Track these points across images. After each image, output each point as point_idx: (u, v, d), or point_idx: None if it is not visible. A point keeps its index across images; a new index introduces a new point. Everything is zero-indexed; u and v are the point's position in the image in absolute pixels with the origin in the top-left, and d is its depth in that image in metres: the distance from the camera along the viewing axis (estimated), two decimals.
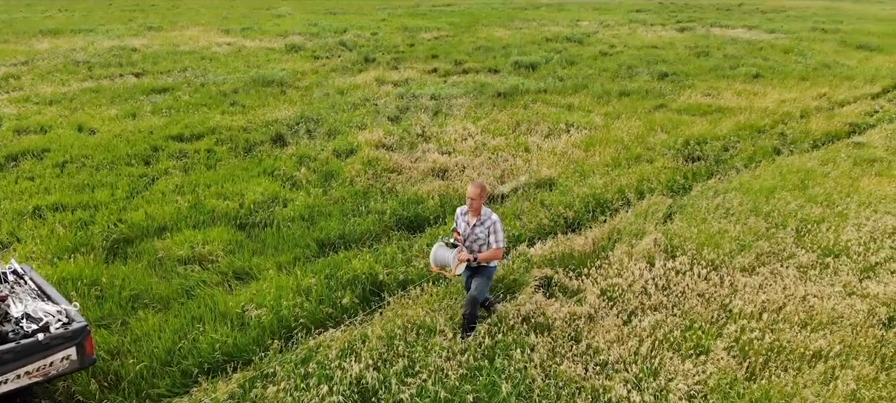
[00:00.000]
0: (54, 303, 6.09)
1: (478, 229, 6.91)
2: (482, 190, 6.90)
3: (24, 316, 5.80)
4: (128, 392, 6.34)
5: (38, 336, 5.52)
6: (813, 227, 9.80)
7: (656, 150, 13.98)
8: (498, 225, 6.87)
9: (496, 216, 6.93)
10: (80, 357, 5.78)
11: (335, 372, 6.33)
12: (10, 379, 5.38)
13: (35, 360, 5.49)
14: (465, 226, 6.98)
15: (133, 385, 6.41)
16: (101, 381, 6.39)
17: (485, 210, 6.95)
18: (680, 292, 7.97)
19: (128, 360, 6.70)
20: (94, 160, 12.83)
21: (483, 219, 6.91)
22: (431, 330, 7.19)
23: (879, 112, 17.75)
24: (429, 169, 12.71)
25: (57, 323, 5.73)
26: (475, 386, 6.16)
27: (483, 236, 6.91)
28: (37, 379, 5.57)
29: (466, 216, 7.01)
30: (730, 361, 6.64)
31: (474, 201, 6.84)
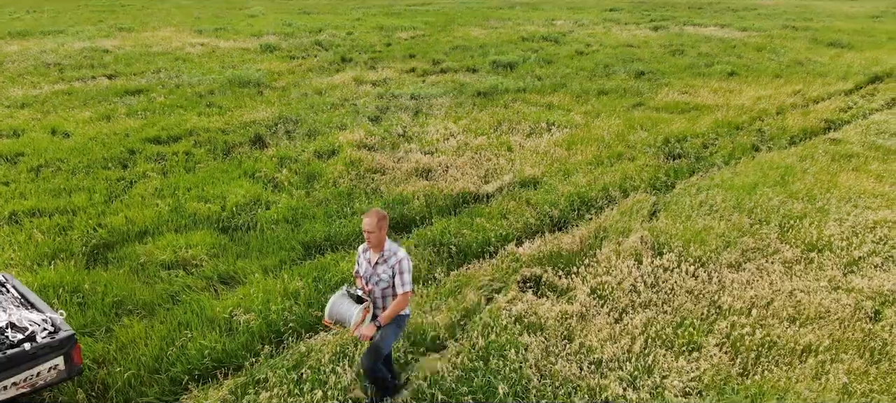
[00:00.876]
0: (39, 312, 5.93)
1: (380, 268, 5.76)
2: (380, 220, 5.66)
3: (9, 326, 5.64)
4: (116, 401, 6.21)
5: (24, 346, 5.37)
6: (795, 223, 9.93)
7: (637, 148, 14.06)
8: (404, 264, 5.73)
9: (403, 252, 5.82)
10: (68, 367, 5.64)
11: (329, 377, 6.25)
12: None
13: (22, 371, 5.35)
14: (366, 266, 5.87)
15: (121, 394, 6.28)
16: (88, 391, 6.26)
17: (389, 245, 5.80)
18: (669, 289, 8.01)
19: (114, 368, 6.56)
20: (69, 164, 12.58)
21: (386, 256, 5.75)
22: (424, 333, 7.13)
23: (853, 108, 18.03)
24: (412, 169, 12.66)
25: (43, 332, 5.58)
26: (471, 387, 6.12)
27: (386, 277, 5.74)
28: (23, 390, 5.42)
29: (368, 253, 5.89)
30: (722, 357, 6.69)
31: (372, 235, 5.65)
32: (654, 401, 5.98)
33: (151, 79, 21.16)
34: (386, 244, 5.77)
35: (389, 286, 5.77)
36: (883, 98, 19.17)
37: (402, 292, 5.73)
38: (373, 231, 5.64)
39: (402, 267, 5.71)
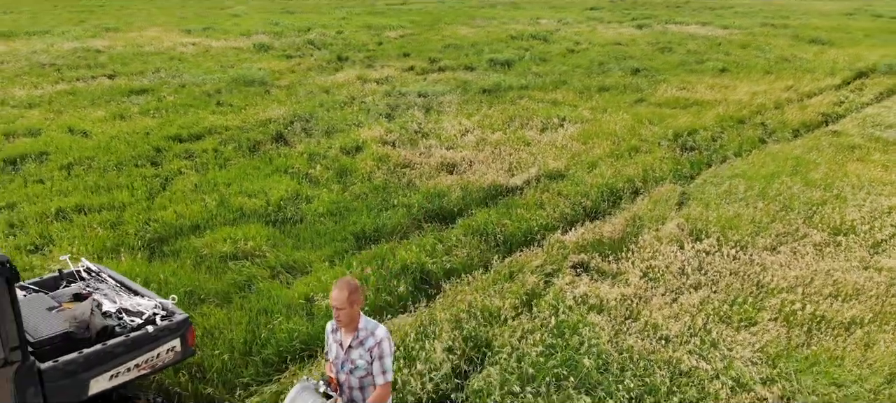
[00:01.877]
0: (147, 298, 6.21)
1: (355, 353, 4.61)
2: (352, 292, 4.48)
3: (122, 311, 5.92)
4: (216, 382, 6.50)
5: (147, 329, 5.66)
6: (818, 209, 10.54)
7: (650, 142, 14.61)
8: (385, 347, 4.59)
9: (383, 330, 4.65)
10: (183, 349, 5.92)
11: (419, 353, 6.61)
12: (121, 372, 5.50)
13: (144, 352, 5.61)
14: (337, 349, 4.73)
15: (219, 376, 6.58)
16: (189, 374, 6.54)
17: (364, 322, 4.64)
18: (715, 271, 8.53)
19: (207, 352, 6.84)
20: (99, 162, 12.72)
21: (362, 337, 4.60)
22: (494, 313, 7.54)
23: (845, 102, 18.84)
24: (438, 163, 13.03)
25: (158, 316, 5.86)
26: (556, 362, 6.53)
27: (363, 363, 4.60)
28: (144, 372, 5.69)
29: (338, 333, 4.73)
30: (779, 330, 7.20)
31: (342, 311, 4.49)
32: (727, 371, 6.44)
33: (152, 78, 21.19)
34: (360, 321, 4.60)
35: (368, 374, 4.61)
36: (871, 93, 20.03)
37: (383, 382, 4.60)
38: (343, 306, 4.45)
39: (382, 349, 4.55)
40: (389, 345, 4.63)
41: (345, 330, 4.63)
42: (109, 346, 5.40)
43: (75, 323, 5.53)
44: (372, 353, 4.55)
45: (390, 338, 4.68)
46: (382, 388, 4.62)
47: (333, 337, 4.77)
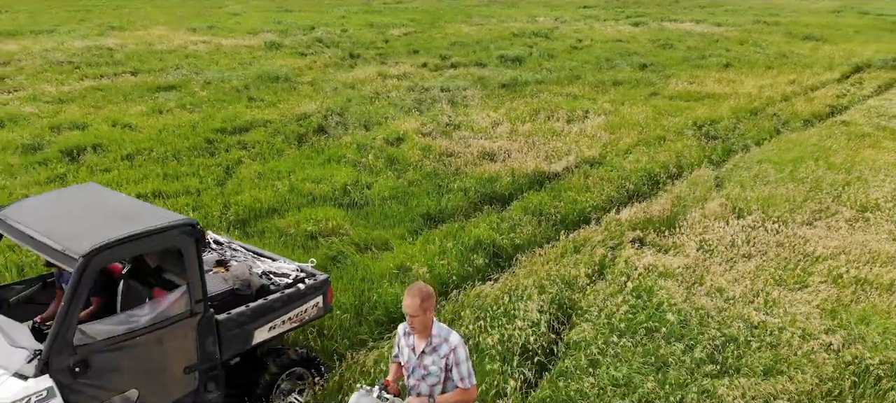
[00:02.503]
0: (277, 262, 6.98)
1: (428, 359, 4.55)
2: (425, 299, 4.41)
3: (267, 274, 6.69)
4: (339, 338, 7.29)
5: (299, 286, 6.44)
6: (844, 189, 11.53)
7: (673, 131, 15.57)
8: (460, 353, 4.50)
9: (456, 337, 4.55)
10: (324, 306, 6.70)
11: (518, 311, 7.44)
12: (277, 325, 6.27)
13: (295, 307, 6.38)
14: (409, 353, 4.67)
15: (340, 332, 7.36)
16: (314, 331, 7.31)
17: (438, 328, 4.57)
18: (762, 243, 9.46)
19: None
20: (157, 152, 13.39)
21: (435, 344, 4.53)
22: (571, 280, 8.39)
23: (848, 95, 19.97)
24: (479, 153, 13.87)
25: (304, 276, 6.64)
26: (643, 318, 7.39)
27: (436, 370, 4.52)
28: (295, 325, 6.46)
29: (410, 337, 4.67)
30: (830, 290, 8.13)
31: (416, 319, 4.44)
32: (793, 324, 7.34)
33: (176, 75, 21.77)
34: (434, 328, 4.54)
35: (439, 381, 4.53)
36: (871, 86, 21.20)
37: (463, 387, 4.51)
38: (416, 314, 4.41)
39: (458, 357, 4.48)
40: (464, 351, 4.51)
41: (418, 336, 4.55)
42: (269, 301, 6.18)
43: (239, 282, 6.31)
44: (448, 360, 4.47)
45: (464, 345, 4.56)
46: (464, 393, 4.51)
47: (406, 341, 4.68)
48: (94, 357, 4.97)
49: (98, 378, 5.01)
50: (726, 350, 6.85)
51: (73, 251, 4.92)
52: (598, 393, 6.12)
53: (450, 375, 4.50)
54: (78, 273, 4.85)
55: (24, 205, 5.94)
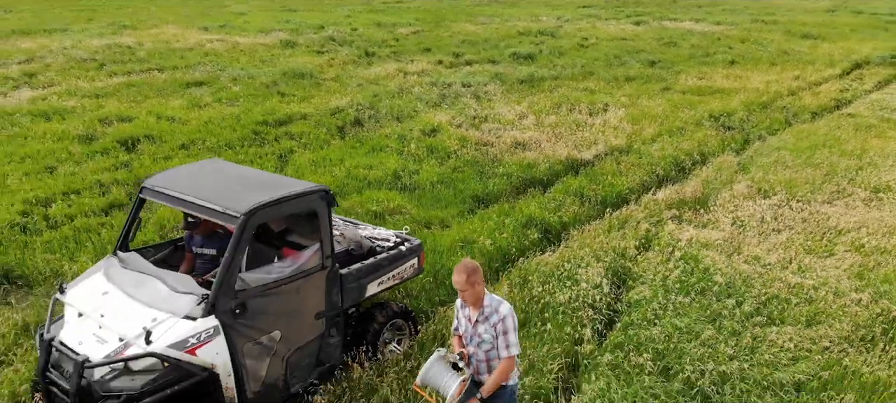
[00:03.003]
0: (376, 229, 7.93)
1: (481, 328, 5.00)
2: (471, 274, 4.86)
3: (371, 239, 7.65)
4: (422, 298, 8.25)
5: (400, 248, 7.40)
6: (857, 173, 12.62)
7: (691, 123, 16.63)
8: (508, 322, 4.91)
9: (507, 307, 4.98)
10: (418, 267, 7.67)
11: (580, 276, 8.43)
12: (383, 281, 7.22)
13: (397, 267, 7.34)
14: (466, 324, 5.14)
15: (423, 293, 8.33)
16: (403, 291, 8.27)
17: (489, 299, 5.00)
18: (789, 219, 10.51)
19: None
20: (209, 142, 14.29)
21: (487, 313, 4.97)
22: (621, 251, 9.40)
23: (850, 90, 21.13)
24: (511, 142, 14.85)
25: (400, 241, 7.60)
26: (695, 279, 8.40)
27: (489, 337, 4.97)
28: (396, 282, 7.41)
29: (466, 309, 5.13)
30: (855, 257, 9.17)
31: (465, 292, 4.91)
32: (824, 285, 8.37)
33: (201, 72, 22.60)
34: (485, 298, 4.97)
35: (493, 347, 4.96)
36: (871, 81, 22.39)
37: (507, 356, 4.92)
38: (465, 288, 4.87)
39: (506, 325, 4.87)
40: (512, 321, 4.88)
41: (472, 308, 4.99)
42: (378, 260, 7.14)
43: (353, 244, 7.28)
44: (496, 329, 4.87)
45: (514, 315, 4.93)
46: (507, 361, 4.89)
47: (462, 313, 5.13)
48: (250, 302, 5.90)
49: (252, 319, 5.94)
50: (770, 305, 7.87)
51: (234, 210, 5.86)
52: (665, 339, 7.11)
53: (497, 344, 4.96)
54: (240, 228, 5.79)
55: (168, 176, 6.87)
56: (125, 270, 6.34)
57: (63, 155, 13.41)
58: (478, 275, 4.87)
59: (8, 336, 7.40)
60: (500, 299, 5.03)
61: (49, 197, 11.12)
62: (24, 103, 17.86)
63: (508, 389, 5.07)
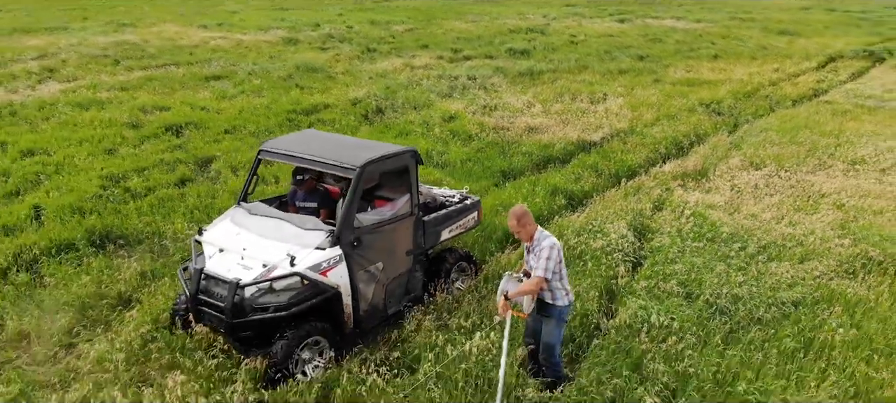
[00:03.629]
0: (440, 189, 9.52)
1: (531, 257, 6.23)
2: (519, 217, 6.14)
3: (441, 195, 9.23)
4: (475, 250, 9.84)
5: (465, 202, 9.00)
6: (836, 149, 14.46)
7: (684, 110, 18.42)
8: (544, 252, 6.04)
9: (549, 241, 6.12)
10: (477, 220, 9.27)
11: (609, 230, 10.07)
12: (454, 229, 8.80)
13: (462, 218, 8.92)
14: (526, 255, 6.45)
15: (476, 245, 9.92)
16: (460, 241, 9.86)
17: (539, 235, 6.22)
18: (779, 186, 12.28)
19: None
20: (249, 128, 15.74)
21: (534, 246, 6.19)
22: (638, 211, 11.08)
23: (826, 80, 23.15)
24: (524, 127, 16.50)
25: (463, 197, 9.20)
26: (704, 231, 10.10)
27: (541, 264, 6.08)
28: (460, 232, 8.99)
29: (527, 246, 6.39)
30: (837, 213, 10.95)
31: (519, 232, 6.23)
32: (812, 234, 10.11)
33: (216, 67, 23.93)
34: (536, 234, 6.18)
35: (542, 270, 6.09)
36: (845, 73, 24.46)
37: (537, 276, 6.03)
38: (517, 230, 6.17)
39: (541, 254, 6.04)
40: (548, 252, 6.02)
41: (527, 242, 6.31)
42: (449, 211, 8.72)
43: (429, 198, 8.86)
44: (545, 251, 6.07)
45: (554, 247, 6.07)
46: (535, 280, 6.05)
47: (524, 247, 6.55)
48: (363, 237, 7.44)
49: (364, 251, 7.48)
50: (769, 248, 9.58)
51: (351, 164, 7.40)
52: (686, 272, 8.78)
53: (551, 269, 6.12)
54: (357, 178, 7.32)
55: (281, 141, 8.40)
56: (252, 216, 7.86)
57: (117, 139, 14.78)
58: (526, 218, 6.14)
59: (131, 280, 8.85)
60: (548, 235, 6.21)
61: (121, 174, 12.52)
62: (58, 94, 19.12)
63: (557, 309, 6.37)
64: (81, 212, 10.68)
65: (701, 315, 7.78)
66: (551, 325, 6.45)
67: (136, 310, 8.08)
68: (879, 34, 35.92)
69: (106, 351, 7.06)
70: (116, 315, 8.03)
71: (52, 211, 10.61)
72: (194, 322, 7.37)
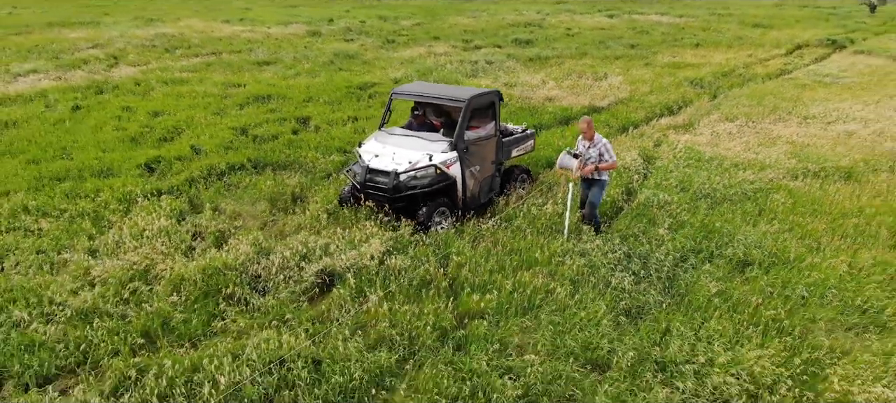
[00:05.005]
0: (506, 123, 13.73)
1: (592, 150, 10.09)
2: (589, 124, 10.18)
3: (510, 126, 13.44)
4: (531, 165, 14.04)
5: (527, 131, 13.22)
6: (793, 109, 18.90)
7: (673, 85, 22.81)
8: (609, 146, 10.04)
9: (605, 140, 10.05)
10: (533, 146, 13.48)
11: (624, 156, 14.33)
12: (519, 150, 12.97)
13: (525, 143, 13.12)
14: (583, 148, 10.22)
15: (531, 162, 14.13)
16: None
17: (596, 136, 10.14)
18: (747, 132, 16.65)
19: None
20: (322, 98, 19.84)
21: (596, 143, 10.12)
22: (644, 147, 15.36)
23: (792, 63, 27.72)
24: (544, 97, 20.76)
25: (524, 128, 13.41)
26: (693, 159, 14.40)
27: (595, 154, 10.01)
28: (522, 153, 13.17)
29: (583, 141, 10.33)
30: (789, 147, 15.33)
31: (586, 131, 10.17)
32: (771, 158, 14.45)
33: (260, 55, 28.00)
34: (595, 136, 10.18)
35: (597, 160, 10.10)
36: (809, 57, 29.06)
37: (612, 161, 10.15)
38: (586, 130, 10.17)
39: (608, 147, 10.13)
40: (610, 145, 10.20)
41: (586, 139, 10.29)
42: (518, 136, 12.95)
43: (503, 127, 13.08)
44: (600, 150, 10.06)
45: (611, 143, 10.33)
46: (612, 162, 10.18)
47: (581, 144, 10.38)
48: (469, 147, 11.62)
49: (469, 157, 11.63)
50: (739, 165, 13.93)
51: (462, 98, 11.58)
52: (680, 176, 13.06)
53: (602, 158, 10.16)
54: (466, 107, 11.47)
55: (406, 86, 12.56)
56: (392, 135, 11.99)
57: (220, 105, 18.82)
58: (592, 124, 10.27)
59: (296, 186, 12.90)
60: (601, 136, 10.26)
61: (243, 127, 16.57)
62: (137, 75, 23.08)
63: (602, 181, 10.41)
64: (230, 149, 14.75)
65: (691, 197, 12.07)
66: (596, 191, 10.52)
67: (309, 203, 12.17)
68: (844, 26, 40.74)
69: (311, 214, 11.15)
70: (296, 205, 12.12)
71: (209, 148, 14.67)
72: (364, 200, 11.50)
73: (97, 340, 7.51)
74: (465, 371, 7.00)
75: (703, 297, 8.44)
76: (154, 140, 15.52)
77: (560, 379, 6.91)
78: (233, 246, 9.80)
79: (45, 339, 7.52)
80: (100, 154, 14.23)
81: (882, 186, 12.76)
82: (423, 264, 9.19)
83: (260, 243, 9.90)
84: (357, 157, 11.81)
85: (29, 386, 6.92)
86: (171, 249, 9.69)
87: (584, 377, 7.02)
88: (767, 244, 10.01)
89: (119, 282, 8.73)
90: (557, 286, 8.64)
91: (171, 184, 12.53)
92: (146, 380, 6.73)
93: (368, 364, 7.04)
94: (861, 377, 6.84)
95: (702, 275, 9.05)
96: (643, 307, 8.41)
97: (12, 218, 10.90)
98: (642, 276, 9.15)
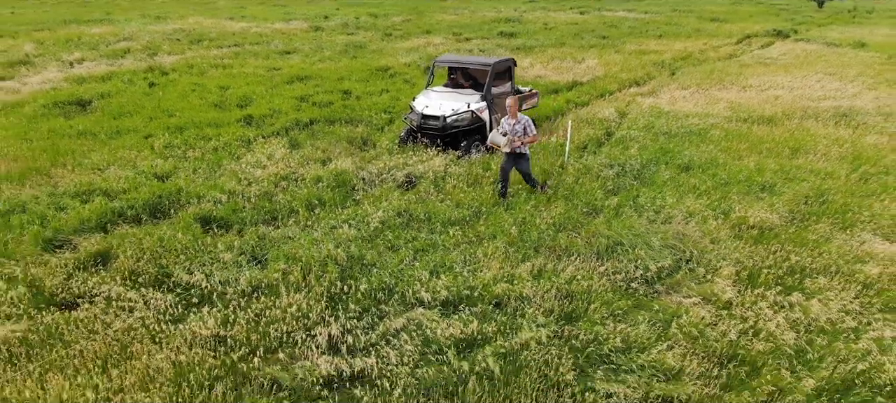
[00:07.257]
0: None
1: (517, 126, 12.19)
2: (514, 101, 12.40)
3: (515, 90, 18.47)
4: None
5: (531, 90, 18.25)
6: (735, 79, 24.25)
7: (639, 66, 28.08)
8: (531, 124, 12.21)
9: (527, 118, 12.28)
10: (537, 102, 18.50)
11: (604, 112, 19.41)
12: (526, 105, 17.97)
13: (532, 99, 18.11)
14: (508, 126, 12.27)
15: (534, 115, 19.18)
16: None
17: (519, 115, 12.29)
18: (698, 96, 21.88)
19: None
20: (353, 77, 24.66)
21: (519, 120, 12.20)
22: (620, 107, 20.49)
23: (740, 50, 33.23)
24: (534, 76, 25.83)
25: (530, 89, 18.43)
26: (655, 120, 19.56)
27: (519, 130, 12.11)
28: (528, 108, 18.18)
29: (508, 120, 12.39)
30: (729, 107, 20.59)
31: (512, 108, 12.33)
32: (718, 114, 19.63)
33: (278, 46, 32.67)
34: (518, 115, 12.36)
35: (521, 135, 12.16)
36: (757, 45, 34.67)
37: (533, 135, 12.27)
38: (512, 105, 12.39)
39: (530, 124, 12.28)
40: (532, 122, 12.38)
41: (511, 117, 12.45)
42: (526, 94, 17.98)
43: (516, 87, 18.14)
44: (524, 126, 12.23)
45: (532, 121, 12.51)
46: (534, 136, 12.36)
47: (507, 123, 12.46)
48: (494, 99, 16.60)
49: (494, 106, 16.64)
50: (689, 117, 19.10)
51: (488, 63, 16.60)
52: (646, 124, 18.17)
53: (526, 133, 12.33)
54: (492, 70, 16.48)
55: (444, 57, 17.54)
56: (436, 92, 16.91)
57: (272, 83, 23.54)
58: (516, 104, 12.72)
59: (363, 132, 17.71)
60: (523, 115, 12.61)
61: (302, 95, 21.31)
62: (179, 62, 27.66)
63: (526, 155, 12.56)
64: (299, 111, 19.53)
65: (654, 135, 17.18)
66: (523, 162, 12.70)
67: (377, 143, 17.00)
68: (793, 20, 46.62)
69: (384, 147, 16.01)
70: (365, 146, 16.96)
71: (286, 109, 19.45)
72: (419, 138, 16.35)
73: (278, 207, 12.30)
74: (514, 216, 11.93)
75: (660, 181, 13.51)
76: (233, 106, 20.24)
77: (572, 217, 11.87)
78: (337, 165, 14.63)
79: (245, 206, 12.29)
80: (201, 113, 18.94)
81: (793, 126, 18.03)
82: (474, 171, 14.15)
83: (356, 162, 14.75)
84: (410, 109, 16.69)
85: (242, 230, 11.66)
86: (303, 162, 14.52)
87: (586, 216, 12.01)
88: (705, 156, 15.15)
89: (271, 181, 13.51)
90: (566, 178, 13.65)
91: (270, 131, 17.30)
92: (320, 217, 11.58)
93: (457, 213, 11.94)
94: (754, 208, 11.93)
95: (659, 171, 14.13)
96: (621, 186, 13.46)
97: (166, 151, 15.60)
98: (620, 173, 14.21)
